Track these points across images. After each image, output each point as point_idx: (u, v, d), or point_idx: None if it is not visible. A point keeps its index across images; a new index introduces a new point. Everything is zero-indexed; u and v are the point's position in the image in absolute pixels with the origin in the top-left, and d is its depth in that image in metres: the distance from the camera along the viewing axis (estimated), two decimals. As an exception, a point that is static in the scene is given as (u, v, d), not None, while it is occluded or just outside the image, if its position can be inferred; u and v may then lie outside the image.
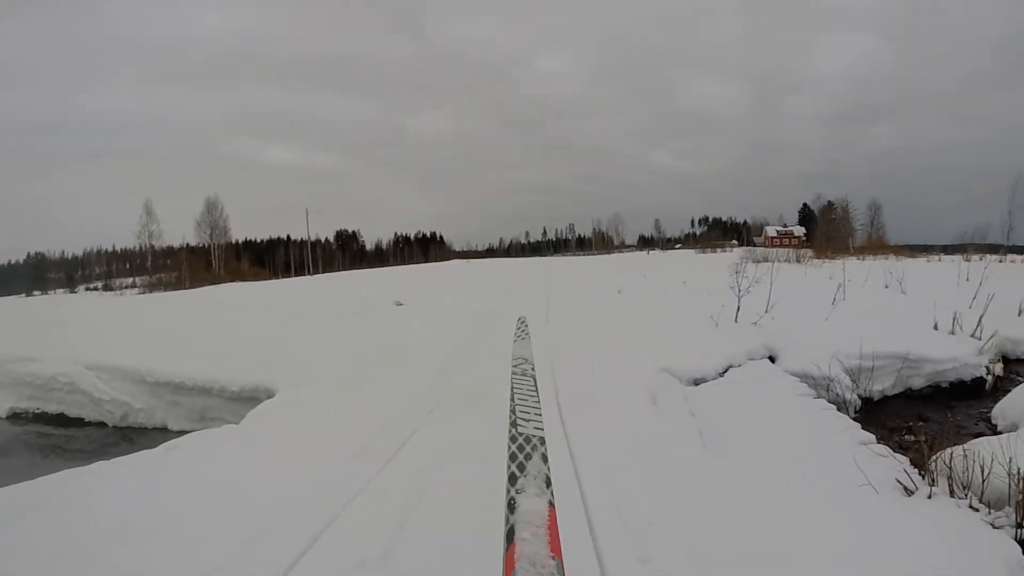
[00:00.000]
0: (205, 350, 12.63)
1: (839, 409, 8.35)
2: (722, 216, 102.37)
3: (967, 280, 18.98)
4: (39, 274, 70.92)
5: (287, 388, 10.39)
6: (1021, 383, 9.26)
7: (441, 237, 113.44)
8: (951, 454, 5.50)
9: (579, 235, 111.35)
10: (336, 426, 7.90)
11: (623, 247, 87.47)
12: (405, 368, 11.31)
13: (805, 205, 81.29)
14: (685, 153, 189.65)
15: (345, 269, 65.98)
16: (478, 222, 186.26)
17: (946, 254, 42.02)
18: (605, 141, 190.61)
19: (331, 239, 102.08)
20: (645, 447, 6.47)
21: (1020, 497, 4.48)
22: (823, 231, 60.02)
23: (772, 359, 11.13)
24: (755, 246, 54.63)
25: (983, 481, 5.04)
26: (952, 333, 12.55)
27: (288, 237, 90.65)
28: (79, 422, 11.54)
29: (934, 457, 5.60)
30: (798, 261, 34.40)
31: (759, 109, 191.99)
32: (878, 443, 6.51)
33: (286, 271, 69.87)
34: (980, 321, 12.57)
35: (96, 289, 58.10)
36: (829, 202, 69.81)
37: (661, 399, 8.65)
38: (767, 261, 27.70)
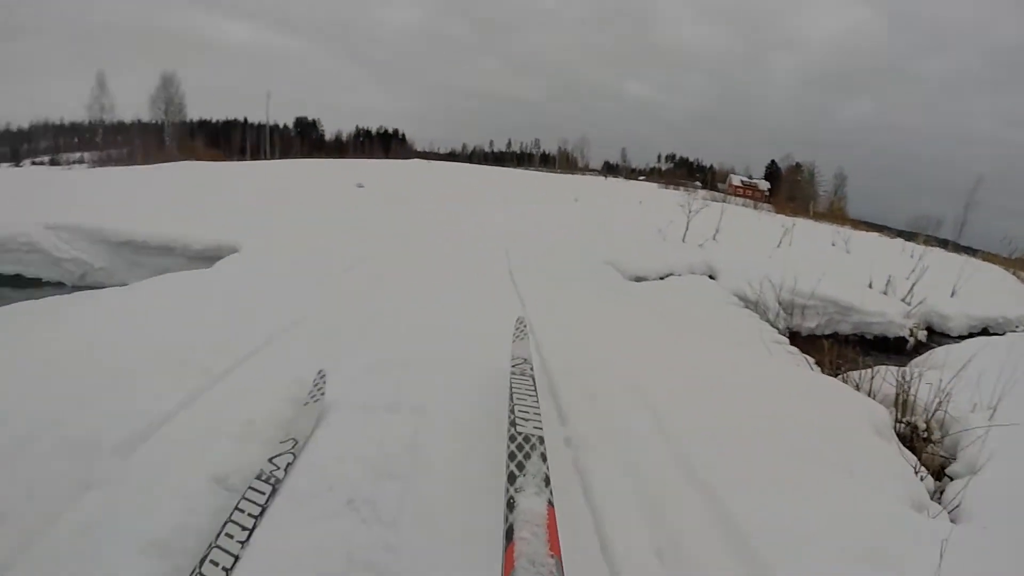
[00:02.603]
0: (168, 210, 12.33)
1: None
2: (689, 156, 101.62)
3: (911, 257, 19.49)
4: None
5: (250, 246, 10.24)
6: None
7: (403, 135, 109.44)
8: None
9: (544, 151, 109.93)
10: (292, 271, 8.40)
11: (587, 170, 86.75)
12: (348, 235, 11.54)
13: (773, 162, 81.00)
14: (659, 87, 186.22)
15: (303, 157, 62.79)
16: (441, 124, 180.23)
17: (902, 239, 43.10)
18: (577, 58, 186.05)
19: (290, 126, 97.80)
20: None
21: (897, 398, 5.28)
22: (786, 190, 60.49)
23: (712, 277, 11.32)
24: (718, 191, 54.63)
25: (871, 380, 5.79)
26: (884, 293, 12.86)
27: (245, 120, 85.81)
28: (36, 282, 11.02)
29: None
30: (755, 209, 34.89)
31: (741, 57, 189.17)
32: (791, 344, 7.22)
33: (241, 154, 65.98)
34: (912, 288, 12.89)
35: (43, 163, 54.32)
36: (797, 163, 70.38)
37: (601, 279, 9.30)
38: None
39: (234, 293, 6.89)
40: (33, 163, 56.49)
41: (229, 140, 74.51)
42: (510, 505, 2.08)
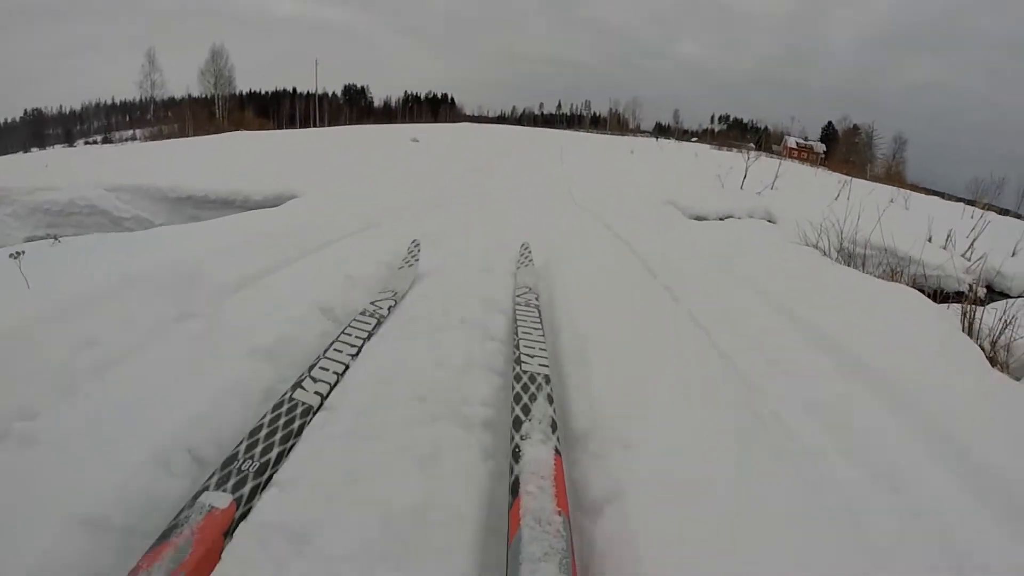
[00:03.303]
0: (225, 171, 12.68)
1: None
2: (743, 117, 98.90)
3: (971, 217, 19.22)
4: (37, 131, 67.56)
5: (312, 192, 10.55)
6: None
7: (452, 99, 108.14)
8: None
9: (595, 113, 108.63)
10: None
11: (638, 131, 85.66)
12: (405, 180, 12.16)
13: (830, 123, 78.35)
14: (711, 46, 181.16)
15: (352, 124, 63.12)
16: (490, 88, 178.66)
17: (962, 203, 41.76)
18: (627, 18, 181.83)
19: (338, 93, 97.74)
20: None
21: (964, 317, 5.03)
22: (843, 153, 58.94)
23: (771, 222, 11.37)
24: (773, 154, 53.29)
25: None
26: (944, 248, 12.68)
27: (294, 89, 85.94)
28: (98, 242, 11.57)
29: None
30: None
31: (797, 13, 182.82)
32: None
33: (291, 123, 66.55)
34: (972, 244, 12.70)
35: (96, 143, 54.81)
36: (854, 125, 68.43)
37: (663, 217, 9.59)
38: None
39: (309, 211, 7.48)
40: (86, 143, 57.61)
41: (279, 110, 75.28)
42: (515, 455, 2.05)
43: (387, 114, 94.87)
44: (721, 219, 10.74)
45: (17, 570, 1.51)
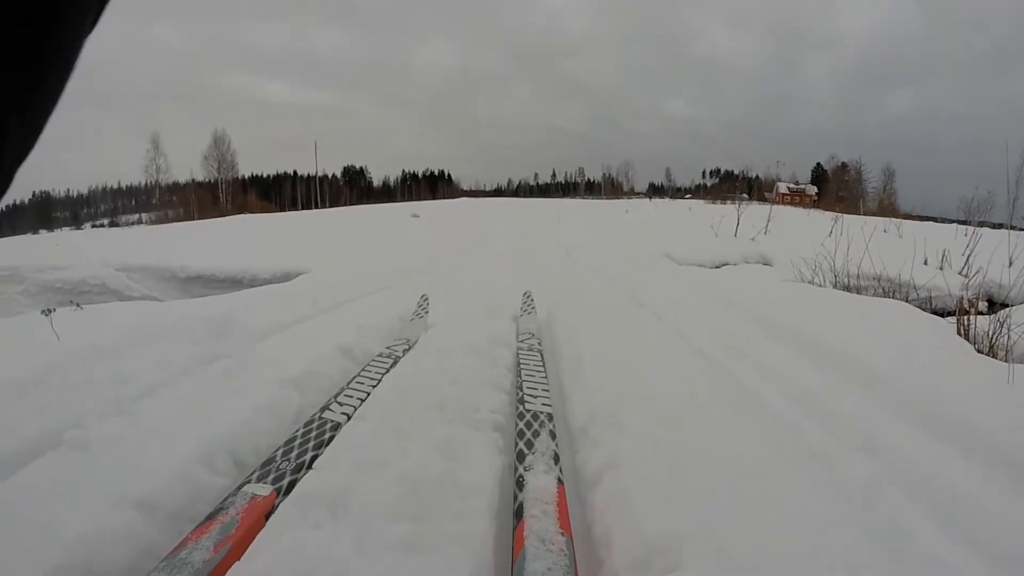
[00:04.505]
0: (231, 251, 12.99)
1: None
2: (734, 169, 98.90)
3: (964, 236, 19.34)
4: (44, 213, 69.62)
5: (320, 268, 10.80)
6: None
7: (449, 175, 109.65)
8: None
9: (589, 179, 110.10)
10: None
11: (632, 194, 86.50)
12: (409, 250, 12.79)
13: (819, 164, 79.23)
14: (698, 102, 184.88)
15: (352, 204, 64.09)
16: (485, 162, 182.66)
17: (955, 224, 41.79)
18: (614, 82, 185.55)
19: (338, 175, 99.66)
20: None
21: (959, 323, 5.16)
22: (834, 191, 59.22)
23: (767, 265, 11.61)
24: (766, 201, 53.32)
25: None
26: (940, 269, 12.77)
27: (295, 172, 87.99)
28: (108, 320, 11.70)
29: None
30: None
31: (778, 63, 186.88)
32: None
33: (293, 205, 67.40)
34: (967, 260, 12.79)
35: (102, 226, 55.53)
36: (843, 163, 69.22)
37: (655, 266, 9.78)
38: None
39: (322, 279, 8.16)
40: (93, 226, 58.42)
41: (281, 193, 76.58)
42: (519, 484, 2.10)
43: (386, 193, 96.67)
44: (717, 267, 10.98)
45: (73, 536, 1.72)
